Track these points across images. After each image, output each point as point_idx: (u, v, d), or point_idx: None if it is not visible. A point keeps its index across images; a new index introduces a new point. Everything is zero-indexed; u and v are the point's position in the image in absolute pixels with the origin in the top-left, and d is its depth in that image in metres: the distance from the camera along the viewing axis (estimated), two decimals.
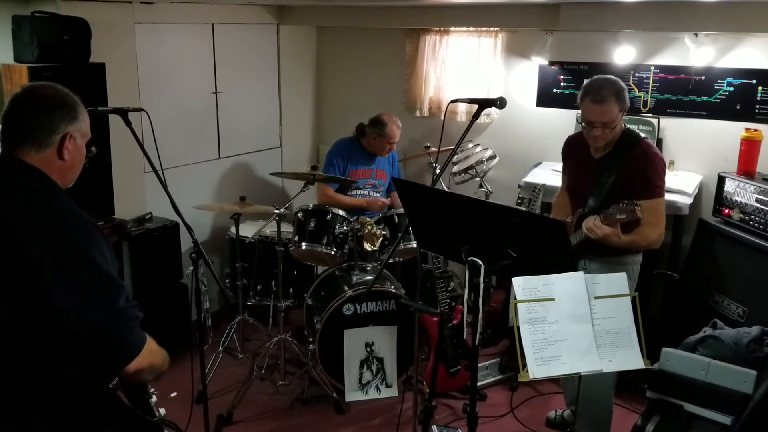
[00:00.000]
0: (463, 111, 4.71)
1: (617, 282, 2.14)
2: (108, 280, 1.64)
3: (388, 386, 3.77)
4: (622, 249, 2.83)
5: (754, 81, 3.81)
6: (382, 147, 4.22)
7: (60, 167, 1.73)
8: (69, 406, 1.68)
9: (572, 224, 2.96)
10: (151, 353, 1.73)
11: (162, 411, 1.93)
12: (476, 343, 2.14)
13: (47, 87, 1.76)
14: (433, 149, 4.23)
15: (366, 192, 4.32)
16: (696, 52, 3.84)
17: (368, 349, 3.72)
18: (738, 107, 3.88)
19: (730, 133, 3.86)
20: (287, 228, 3.93)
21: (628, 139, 2.85)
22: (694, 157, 4.07)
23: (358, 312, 3.68)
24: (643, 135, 3.03)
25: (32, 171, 1.68)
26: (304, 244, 3.77)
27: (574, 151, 3.10)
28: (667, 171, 4.00)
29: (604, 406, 3.08)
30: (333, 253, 3.78)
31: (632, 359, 2.09)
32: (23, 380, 1.64)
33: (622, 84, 2.81)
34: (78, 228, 1.64)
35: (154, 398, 1.92)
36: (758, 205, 3.47)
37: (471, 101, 2.63)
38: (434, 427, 2.93)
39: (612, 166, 2.83)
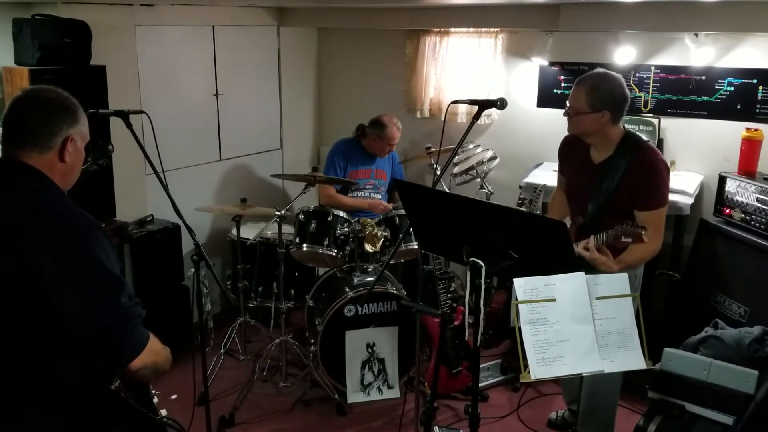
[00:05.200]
0: (463, 112, 4.71)
1: (619, 282, 2.14)
2: (110, 278, 1.64)
3: (389, 387, 3.77)
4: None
5: (755, 81, 3.81)
6: (382, 148, 4.23)
7: (61, 170, 1.74)
8: (73, 406, 1.69)
9: (572, 233, 2.84)
10: (153, 352, 1.73)
11: (163, 412, 1.93)
12: (478, 344, 2.14)
13: (48, 90, 1.77)
14: (434, 150, 4.23)
15: (367, 194, 4.32)
16: (696, 52, 3.84)
17: (370, 350, 3.72)
18: (739, 107, 3.87)
19: (731, 132, 3.86)
20: (288, 229, 3.93)
21: (630, 144, 2.75)
22: (695, 157, 4.07)
23: (360, 313, 3.68)
24: (645, 138, 2.96)
25: (34, 173, 1.69)
26: (305, 245, 3.77)
27: (571, 152, 2.99)
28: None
29: (609, 407, 3.08)
30: (334, 254, 3.78)
31: (634, 359, 2.09)
32: (26, 380, 1.64)
33: (611, 86, 2.69)
34: (80, 227, 1.65)
35: (156, 399, 1.93)
36: (759, 205, 3.47)
37: (471, 102, 2.63)
38: (436, 429, 2.93)
39: (613, 172, 2.72)
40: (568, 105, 2.77)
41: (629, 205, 2.71)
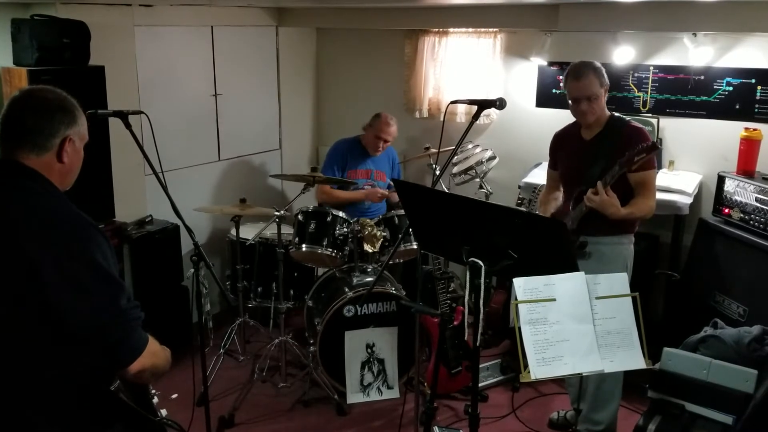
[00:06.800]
0: (462, 112, 4.71)
1: (618, 282, 2.14)
2: (109, 280, 1.64)
3: (389, 388, 3.77)
4: (620, 221, 2.90)
5: (753, 80, 3.81)
6: (376, 142, 4.20)
7: (60, 170, 1.73)
8: (70, 406, 1.68)
9: (570, 204, 3.05)
10: (153, 355, 1.72)
11: (164, 412, 1.93)
12: (477, 344, 2.14)
13: (46, 90, 1.76)
14: (433, 150, 4.23)
15: None
16: (695, 52, 3.84)
17: (369, 350, 3.72)
18: (737, 107, 3.88)
19: (730, 132, 3.86)
20: (287, 230, 3.93)
21: (617, 121, 3.05)
22: (694, 156, 4.07)
23: (359, 313, 3.68)
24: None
25: (32, 174, 1.68)
26: (304, 245, 3.77)
27: (563, 143, 3.22)
28: (666, 171, 4.05)
29: (612, 406, 3.13)
30: (333, 254, 3.78)
31: (634, 359, 2.09)
32: (24, 380, 1.64)
33: (599, 64, 3.03)
34: (78, 228, 1.64)
35: (155, 399, 1.93)
36: (758, 205, 3.47)
37: (470, 102, 2.63)
38: (436, 429, 2.93)
39: (606, 143, 2.98)
40: (584, 96, 2.95)
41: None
